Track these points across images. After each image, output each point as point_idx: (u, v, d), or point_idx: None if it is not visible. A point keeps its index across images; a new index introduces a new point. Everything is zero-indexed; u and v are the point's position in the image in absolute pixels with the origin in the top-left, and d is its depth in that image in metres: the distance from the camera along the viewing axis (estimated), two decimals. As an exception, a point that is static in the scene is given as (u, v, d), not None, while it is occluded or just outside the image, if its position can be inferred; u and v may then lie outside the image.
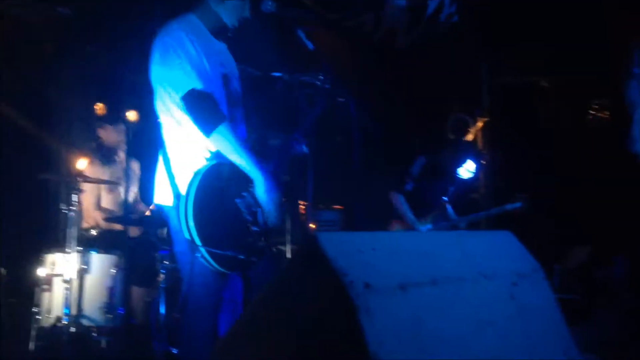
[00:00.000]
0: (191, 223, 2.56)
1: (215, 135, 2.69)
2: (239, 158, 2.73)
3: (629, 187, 5.77)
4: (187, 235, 2.58)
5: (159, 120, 2.88)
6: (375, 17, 5.48)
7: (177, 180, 2.75)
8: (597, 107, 6.78)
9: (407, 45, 5.96)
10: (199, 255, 2.58)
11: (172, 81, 2.76)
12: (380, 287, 1.59)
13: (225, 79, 2.95)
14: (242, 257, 2.69)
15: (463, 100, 6.88)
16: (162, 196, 2.86)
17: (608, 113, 6.62)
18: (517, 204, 5.28)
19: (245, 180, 2.78)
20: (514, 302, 1.98)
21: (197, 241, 2.56)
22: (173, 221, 2.79)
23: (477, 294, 1.88)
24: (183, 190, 2.64)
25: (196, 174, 2.66)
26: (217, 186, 2.69)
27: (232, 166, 2.76)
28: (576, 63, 6.36)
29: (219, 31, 2.99)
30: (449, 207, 5.45)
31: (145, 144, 5.82)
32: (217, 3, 2.93)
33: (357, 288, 1.55)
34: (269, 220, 2.80)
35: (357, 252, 1.68)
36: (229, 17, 2.96)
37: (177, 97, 2.75)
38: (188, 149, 2.80)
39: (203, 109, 2.71)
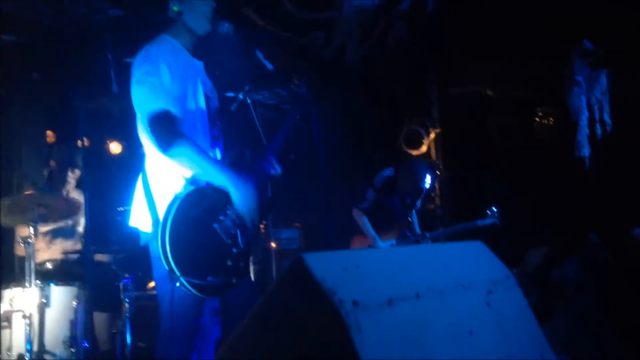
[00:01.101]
0: (169, 252, 2.54)
1: (173, 153, 2.68)
2: (204, 171, 2.74)
3: (577, 190, 6.00)
4: (165, 266, 2.56)
5: (141, 143, 2.88)
6: (325, 35, 5.56)
7: (157, 206, 2.73)
8: (541, 114, 7.02)
9: (357, 60, 6.06)
10: (179, 284, 2.57)
11: (140, 103, 2.78)
12: (369, 304, 1.62)
13: (206, 98, 2.96)
14: (222, 281, 2.69)
15: (415, 112, 7.03)
16: (140, 221, 2.83)
17: (553, 120, 6.86)
18: (489, 220, 5.38)
19: (222, 203, 2.78)
20: (490, 309, 2.04)
21: (176, 271, 2.54)
22: (153, 246, 2.77)
23: (457, 304, 1.94)
24: (161, 218, 2.63)
25: (173, 200, 2.65)
26: (194, 212, 2.68)
27: (208, 190, 2.76)
28: (521, 71, 6.57)
29: (196, 48, 3.01)
30: (415, 223, 5.53)
31: (96, 172, 5.75)
32: (178, 26, 2.95)
33: (346, 306, 1.57)
34: (251, 222, 2.81)
35: (342, 270, 1.71)
36: (198, 24, 2.96)
37: (143, 114, 2.75)
38: (167, 174, 2.79)
39: (160, 128, 2.70)
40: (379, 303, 1.66)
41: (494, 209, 5.41)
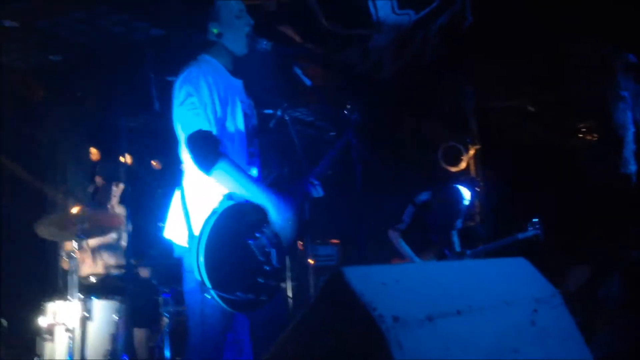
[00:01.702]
0: (202, 265, 2.57)
1: (215, 174, 2.73)
2: (245, 191, 2.78)
3: (622, 207, 5.84)
4: (197, 277, 2.59)
5: (181, 160, 2.94)
6: (362, 50, 5.56)
7: (192, 221, 2.76)
8: (584, 130, 6.89)
9: (392, 75, 6.04)
10: (208, 296, 2.59)
11: (181, 123, 2.83)
12: (409, 319, 1.60)
13: (245, 116, 3.01)
14: (251, 297, 2.70)
15: (453, 128, 6.96)
16: (175, 234, 2.88)
17: (596, 135, 6.72)
18: (530, 232, 5.25)
19: (259, 220, 2.81)
20: (535, 328, 1.99)
21: (207, 283, 2.57)
22: (185, 260, 2.82)
23: (500, 322, 1.89)
24: (197, 232, 2.66)
25: (211, 215, 2.68)
26: (230, 227, 2.70)
27: (246, 206, 2.79)
28: (561, 86, 6.46)
29: (235, 66, 3.06)
30: (455, 242, 5.44)
31: (139, 188, 5.85)
32: (219, 47, 3.01)
33: (386, 322, 1.55)
34: (287, 242, 2.84)
35: (381, 285, 1.69)
36: (237, 44, 3.01)
37: (184, 135, 2.81)
38: (204, 190, 2.83)
39: (201, 149, 2.75)
40: (419, 319, 1.63)
41: (535, 220, 5.28)
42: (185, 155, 2.89)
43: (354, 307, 1.57)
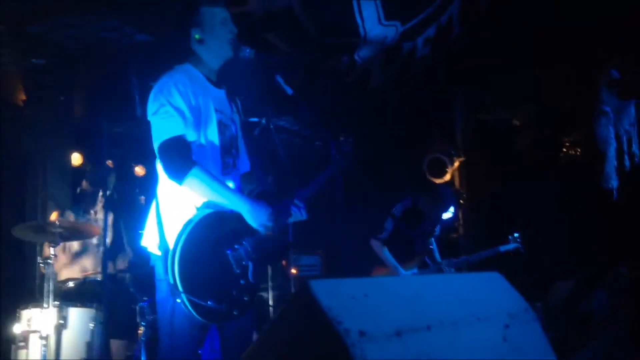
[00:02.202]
0: (177, 270, 2.54)
1: (187, 182, 2.71)
2: (218, 198, 2.75)
3: (605, 221, 5.86)
4: (170, 280, 2.56)
5: (156, 168, 2.91)
6: (349, 59, 5.56)
7: (166, 230, 2.74)
8: (568, 144, 6.91)
9: (380, 85, 6.04)
10: (179, 301, 2.57)
11: (154, 131, 2.81)
12: (376, 334, 1.57)
13: (221, 126, 2.96)
14: (223, 308, 2.67)
15: (439, 140, 6.97)
16: (150, 242, 2.85)
17: (579, 150, 6.75)
18: (512, 245, 5.29)
19: (240, 231, 2.78)
20: (507, 343, 1.96)
21: (180, 287, 2.54)
22: (158, 269, 2.79)
23: (471, 337, 1.87)
24: (171, 240, 2.64)
25: (187, 222, 2.66)
26: (207, 236, 2.68)
27: (227, 215, 2.77)
28: (548, 99, 6.49)
29: (219, 75, 3.05)
30: (435, 250, 5.44)
31: (122, 194, 5.79)
32: (199, 54, 2.98)
33: (352, 336, 1.52)
34: (264, 235, 2.81)
35: (350, 298, 1.66)
36: (220, 51, 2.99)
37: (156, 144, 2.78)
38: (177, 199, 2.80)
39: (172, 157, 2.74)
40: (387, 334, 1.60)
41: (516, 234, 5.31)
42: (159, 165, 2.86)
43: (320, 321, 1.54)
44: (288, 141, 5.77)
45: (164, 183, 2.85)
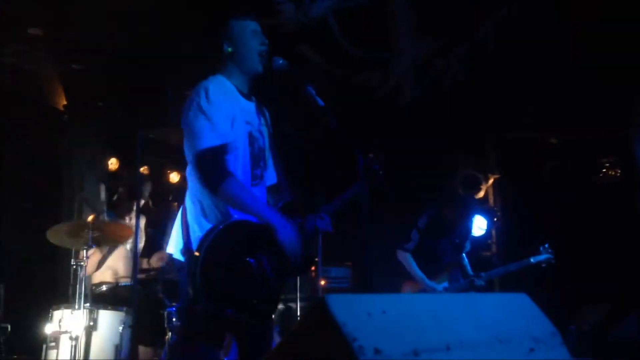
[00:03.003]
0: (198, 277, 2.56)
1: (221, 192, 2.73)
2: (251, 210, 2.77)
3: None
4: (191, 288, 2.58)
5: (186, 175, 2.94)
6: (382, 74, 5.55)
7: (191, 237, 2.75)
8: (607, 165, 6.75)
9: (412, 100, 6.01)
10: (199, 307, 2.58)
11: (189, 139, 2.83)
12: (392, 353, 1.54)
13: (251, 138, 2.99)
14: (243, 317, 2.68)
15: (470, 156, 6.88)
16: (175, 248, 2.87)
17: (619, 171, 6.58)
18: (543, 256, 5.13)
19: (264, 241, 2.77)
20: (530, 368, 1.91)
21: (201, 294, 2.56)
22: (182, 274, 2.79)
23: (492, 360, 1.82)
24: (194, 246, 2.66)
25: (212, 229, 2.68)
26: (230, 244, 2.69)
27: (252, 224, 2.77)
28: (585, 120, 6.37)
29: (250, 87, 3.07)
30: (467, 266, 5.34)
31: (157, 200, 5.87)
32: (230, 67, 3.00)
33: (366, 353, 1.50)
34: (291, 256, 2.80)
35: (366, 315, 1.64)
36: (251, 64, 3.00)
37: (192, 153, 2.82)
38: (206, 206, 2.82)
39: (209, 167, 2.76)
40: (403, 353, 1.58)
41: (547, 245, 5.15)
42: (191, 172, 2.89)
43: (335, 337, 1.52)
44: (317, 151, 5.77)
45: (194, 190, 2.88)
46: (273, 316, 2.91)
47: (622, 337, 5.10)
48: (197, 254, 2.60)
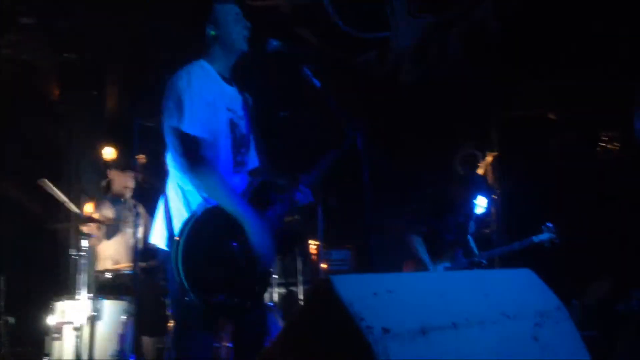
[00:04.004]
0: (181, 267, 2.54)
1: (193, 177, 2.71)
2: (220, 199, 2.73)
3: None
4: (176, 277, 2.56)
5: (167, 163, 2.91)
6: (379, 54, 5.49)
7: (175, 226, 2.73)
8: (606, 139, 6.73)
9: (412, 81, 5.96)
10: (187, 299, 2.56)
11: (167, 123, 2.80)
12: (400, 332, 1.53)
13: (232, 125, 2.96)
14: (236, 302, 2.67)
15: (472, 134, 6.85)
16: (158, 237, 2.84)
17: (618, 145, 6.56)
18: (545, 236, 5.10)
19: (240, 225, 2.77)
20: (537, 343, 1.90)
21: (186, 285, 2.54)
22: (169, 265, 2.74)
23: (500, 336, 1.81)
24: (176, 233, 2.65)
25: (190, 217, 2.66)
26: (211, 230, 2.67)
27: (222, 209, 2.75)
28: (585, 96, 6.33)
29: (229, 73, 3.04)
30: (471, 242, 5.33)
31: (153, 188, 5.83)
32: (213, 51, 2.98)
33: (375, 333, 1.48)
34: (259, 263, 2.77)
35: (372, 295, 1.62)
36: (235, 46, 2.99)
37: (168, 136, 2.78)
38: (187, 193, 2.80)
39: (184, 152, 2.73)
40: (411, 331, 1.56)
41: (550, 224, 5.11)
42: (167, 159, 2.87)
43: (342, 317, 1.51)
44: (310, 133, 5.75)
45: (174, 177, 2.85)
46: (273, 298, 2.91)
47: (626, 311, 5.10)
48: (177, 239, 2.57)
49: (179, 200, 2.79)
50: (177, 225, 2.70)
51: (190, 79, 2.81)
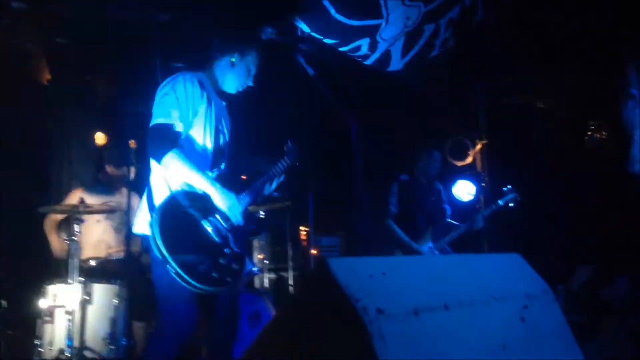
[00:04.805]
0: (159, 239, 2.74)
1: (165, 162, 2.90)
2: (193, 179, 2.97)
3: (630, 206, 5.77)
4: (157, 254, 2.76)
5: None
6: (370, 42, 5.51)
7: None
8: (594, 127, 6.79)
9: (401, 68, 5.99)
10: (171, 269, 2.73)
11: (154, 112, 3.03)
12: (394, 313, 1.58)
13: (218, 133, 3.21)
14: (215, 275, 2.87)
15: (460, 122, 6.91)
16: (143, 226, 3.07)
17: (605, 133, 6.64)
18: (509, 196, 5.33)
19: (212, 206, 3.01)
20: (525, 324, 1.97)
21: (166, 254, 2.73)
22: (151, 250, 2.93)
23: (489, 317, 1.87)
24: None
25: (166, 198, 2.92)
26: (183, 208, 2.91)
27: (197, 193, 2.99)
28: (573, 83, 6.39)
29: (221, 92, 3.32)
30: (448, 217, 5.46)
31: (144, 176, 5.83)
32: (221, 71, 3.26)
33: (370, 314, 1.54)
34: (234, 221, 3.05)
35: (368, 277, 1.68)
36: (229, 85, 3.28)
37: (149, 125, 3.00)
38: (166, 183, 3.01)
39: (157, 139, 2.94)
40: (404, 312, 1.62)
41: (509, 186, 5.36)
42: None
43: (338, 298, 1.56)
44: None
45: (155, 169, 3.05)
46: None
47: (611, 297, 5.21)
48: (155, 218, 2.80)
49: (160, 190, 3.00)
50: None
51: (185, 81, 3.05)
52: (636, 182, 5.42)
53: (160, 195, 2.99)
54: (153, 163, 3.04)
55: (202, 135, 3.10)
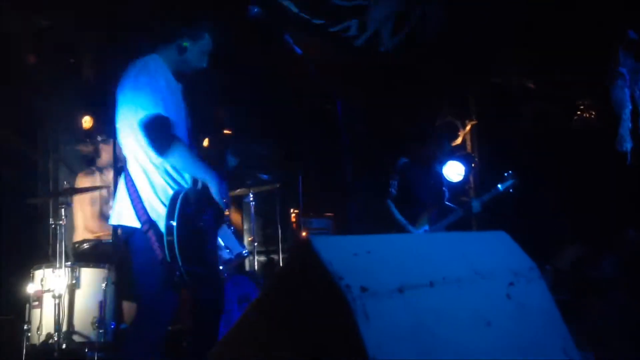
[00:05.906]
0: (177, 248, 2.76)
1: (171, 155, 2.91)
2: (197, 170, 3.02)
3: (617, 186, 5.80)
4: (168, 258, 2.77)
5: (120, 144, 3.14)
6: (359, 22, 5.47)
7: (146, 204, 2.94)
8: (582, 107, 6.81)
9: (391, 49, 5.96)
10: (178, 274, 2.78)
11: (136, 106, 2.95)
12: (378, 290, 1.57)
13: (187, 115, 3.21)
14: (202, 271, 2.94)
15: (450, 102, 6.90)
16: (126, 218, 3.03)
17: (594, 113, 6.65)
18: (509, 182, 5.34)
19: (203, 205, 3.04)
20: (511, 301, 1.97)
21: (180, 262, 2.77)
22: (138, 242, 2.98)
23: (475, 295, 1.87)
24: (156, 215, 2.89)
25: (174, 198, 2.87)
26: (190, 211, 2.91)
27: (193, 193, 3.01)
28: (561, 64, 6.39)
29: (178, 74, 3.25)
30: (446, 199, 5.47)
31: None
32: (177, 53, 3.18)
33: (353, 292, 1.53)
34: (224, 206, 3.14)
35: (352, 255, 1.66)
36: (198, 61, 3.24)
37: (140, 117, 2.93)
38: (151, 172, 3.00)
39: (159, 132, 2.90)
40: (389, 290, 1.61)
41: (510, 172, 5.36)
42: (130, 140, 3.01)
43: (322, 277, 1.55)
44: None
45: (138, 159, 3.00)
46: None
47: (598, 276, 5.25)
48: (174, 223, 2.78)
49: (146, 181, 2.99)
50: (149, 208, 2.92)
51: (157, 68, 3.04)
52: (623, 160, 5.44)
53: (146, 189, 2.98)
54: (135, 151, 3.01)
55: (179, 121, 3.10)
